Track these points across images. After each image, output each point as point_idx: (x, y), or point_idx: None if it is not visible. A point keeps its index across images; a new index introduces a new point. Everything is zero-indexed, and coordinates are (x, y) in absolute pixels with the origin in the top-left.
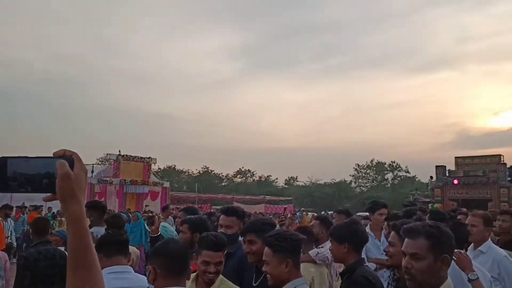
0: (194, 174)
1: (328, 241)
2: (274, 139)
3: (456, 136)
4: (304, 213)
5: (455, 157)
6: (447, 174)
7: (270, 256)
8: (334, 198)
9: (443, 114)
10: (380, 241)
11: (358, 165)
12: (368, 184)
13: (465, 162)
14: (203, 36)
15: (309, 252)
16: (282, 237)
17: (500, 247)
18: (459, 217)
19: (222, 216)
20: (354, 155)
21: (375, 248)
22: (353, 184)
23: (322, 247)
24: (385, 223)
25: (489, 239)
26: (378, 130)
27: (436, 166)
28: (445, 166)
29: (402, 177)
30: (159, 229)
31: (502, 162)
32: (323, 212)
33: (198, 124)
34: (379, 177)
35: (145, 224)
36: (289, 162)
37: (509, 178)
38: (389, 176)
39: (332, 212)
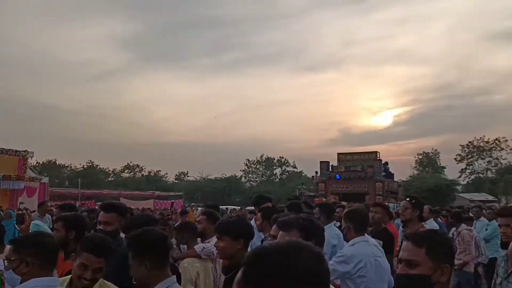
0: (77, 169)
1: (215, 236)
2: (165, 134)
3: (339, 133)
4: (194, 208)
5: (338, 153)
6: (330, 169)
7: (131, 258)
8: (224, 193)
9: (328, 113)
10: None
11: (249, 160)
12: (257, 179)
13: (346, 158)
14: (90, 24)
15: (195, 247)
16: (138, 239)
17: (372, 236)
18: (337, 210)
19: (101, 212)
20: (245, 150)
21: (259, 242)
22: (243, 179)
23: (208, 242)
24: (259, 214)
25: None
26: (268, 126)
27: (320, 162)
28: (328, 162)
29: (290, 172)
30: (30, 227)
31: (378, 158)
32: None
33: (84, 116)
34: (268, 172)
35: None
36: (180, 157)
37: (384, 173)
38: (278, 171)
39: (221, 207)
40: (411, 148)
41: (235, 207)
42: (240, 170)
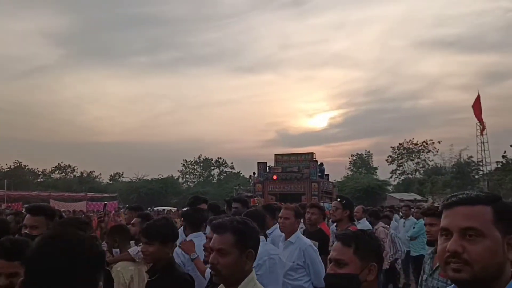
0: (3, 169)
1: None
2: (100, 133)
3: (277, 134)
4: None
5: (275, 154)
6: (268, 170)
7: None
8: (161, 194)
9: (266, 114)
10: None
11: (186, 160)
12: (195, 180)
13: (283, 159)
14: (18, 18)
15: (128, 250)
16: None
17: (307, 237)
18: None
19: (27, 215)
20: (183, 151)
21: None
22: (180, 180)
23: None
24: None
25: (298, 230)
26: (206, 126)
27: (258, 163)
28: (266, 163)
29: (228, 172)
30: None
31: (314, 159)
32: (149, 209)
33: (11, 114)
34: (206, 172)
35: None
36: (115, 157)
37: (319, 174)
38: (216, 172)
39: (157, 208)
40: (345, 149)
41: (172, 208)
42: (178, 171)
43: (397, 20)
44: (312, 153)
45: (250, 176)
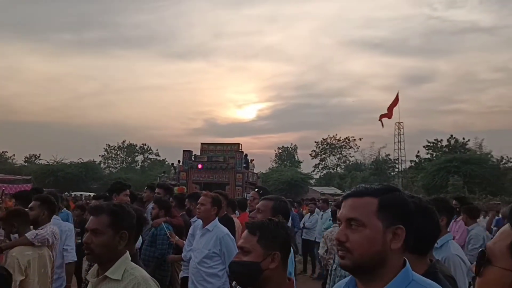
0: None
1: (50, 222)
2: (16, 112)
3: (205, 123)
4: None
5: (201, 143)
6: (193, 159)
7: None
8: (80, 178)
9: (194, 102)
10: None
11: (109, 145)
12: (118, 166)
13: (209, 148)
14: None
15: (26, 234)
16: None
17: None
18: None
19: None
20: (106, 135)
21: None
22: (102, 165)
23: (42, 229)
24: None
25: (216, 218)
26: (132, 111)
27: (184, 151)
28: (191, 151)
29: (152, 159)
30: None
31: (240, 150)
32: (66, 193)
33: None
34: (129, 158)
35: None
36: (31, 138)
37: (244, 165)
38: (140, 158)
39: (75, 193)
40: (272, 141)
41: (91, 194)
42: (99, 156)
43: (328, 18)
44: (238, 144)
45: (173, 164)
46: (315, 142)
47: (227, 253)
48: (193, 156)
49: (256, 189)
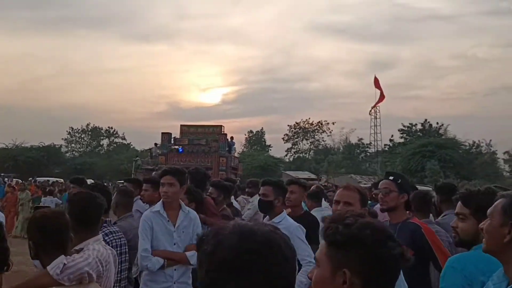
0: None
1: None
2: None
3: (168, 107)
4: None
5: (181, 125)
6: (173, 142)
7: None
8: (41, 163)
9: (157, 85)
10: None
11: (72, 128)
12: (82, 150)
13: (190, 130)
14: None
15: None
16: None
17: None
18: None
19: None
20: (67, 118)
21: None
22: (65, 149)
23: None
24: None
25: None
26: (93, 94)
27: (162, 133)
28: (170, 134)
29: (118, 143)
30: None
31: (223, 132)
32: (30, 179)
33: None
34: (94, 142)
35: None
36: None
37: (227, 148)
38: (105, 142)
39: (39, 178)
40: (237, 126)
41: (58, 179)
42: (62, 139)
43: (293, 1)
44: (221, 126)
45: (151, 148)
46: (288, 125)
47: None
48: (172, 139)
49: (391, 177)
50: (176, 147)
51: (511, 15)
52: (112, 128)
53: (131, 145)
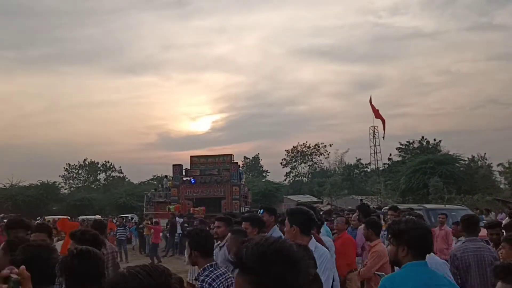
0: None
1: None
2: None
3: (158, 137)
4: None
5: (191, 156)
6: (184, 173)
7: None
8: (41, 201)
9: (147, 116)
10: None
11: (69, 164)
12: (80, 185)
13: (200, 161)
14: None
15: None
16: None
17: None
18: None
19: None
20: (64, 154)
21: None
22: (63, 185)
23: None
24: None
25: None
26: (83, 128)
27: (173, 165)
28: (181, 165)
29: (115, 177)
30: None
31: (233, 161)
32: (38, 219)
33: None
34: (91, 177)
35: None
36: None
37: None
38: (102, 176)
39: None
40: (227, 153)
41: (63, 217)
42: (59, 176)
43: (277, 27)
44: (231, 155)
45: (163, 180)
46: (286, 150)
47: None
48: (184, 171)
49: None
50: (188, 178)
51: (491, 30)
52: (108, 162)
53: (126, 177)
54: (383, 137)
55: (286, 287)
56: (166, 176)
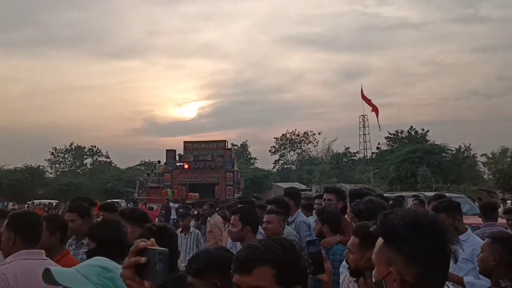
0: None
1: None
2: None
3: (144, 123)
4: None
5: (184, 142)
6: (178, 159)
7: None
8: (26, 185)
9: (133, 102)
10: None
11: (56, 148)
12: (66, 169)
13: (194, 146)
14: None
15: None
16: None
17: None
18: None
19: None
20: (50, 138)
21: None
22: (50, 169)
23: None
24: None
25: None
26: (68, 113)
27: (167, 150)
28: (175, 151)
29: (101, 162)
30: None
31: (227, 147)
32: (28, 203)
33: None
34: (77, 162)
35: None
36: None
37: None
38: (89, 161)
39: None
40: (214, 140)
41: (51, 201)
42: (45, 160)
43: (264, 15)
44: (224, 141)
45: (155, 165)
46: (275, 138)
47: None
48: (177, 156)
49: None
50: (181, 164)
51: (476, 22)
52: (95, 146)
53: (113, 162)
54: (379, 128)
55: (437, 257)
56: (158, 161)
